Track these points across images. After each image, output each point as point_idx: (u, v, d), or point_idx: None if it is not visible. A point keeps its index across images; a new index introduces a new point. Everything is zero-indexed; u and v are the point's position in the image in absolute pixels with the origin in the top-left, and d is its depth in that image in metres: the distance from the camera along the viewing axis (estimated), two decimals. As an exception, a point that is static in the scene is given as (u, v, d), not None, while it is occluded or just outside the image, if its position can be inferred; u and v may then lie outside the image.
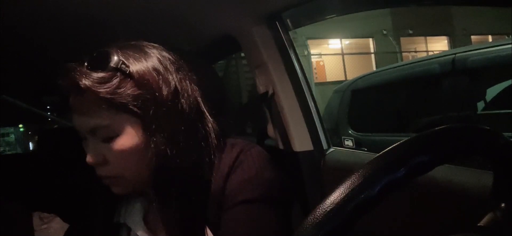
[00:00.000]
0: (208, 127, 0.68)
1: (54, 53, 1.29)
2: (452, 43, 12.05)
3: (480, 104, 2.46)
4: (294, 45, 1.23)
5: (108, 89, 0.60)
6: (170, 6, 1.01)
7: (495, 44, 2.33)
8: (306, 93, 1.22)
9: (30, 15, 0.99)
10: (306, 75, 1.26)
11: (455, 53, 2.43)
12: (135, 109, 0.61)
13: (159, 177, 0.64)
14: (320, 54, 10.94)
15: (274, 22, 1.18)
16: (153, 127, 0.62)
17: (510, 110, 2.18)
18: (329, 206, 0.33)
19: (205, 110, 0.68)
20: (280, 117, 1.23)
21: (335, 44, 11.50)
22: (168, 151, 0.62)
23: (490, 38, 11.54)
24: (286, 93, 1.20)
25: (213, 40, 1.30)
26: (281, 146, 1.27)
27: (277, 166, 0.69)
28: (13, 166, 1.77)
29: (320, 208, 0.33)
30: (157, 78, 0.63)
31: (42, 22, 1.05)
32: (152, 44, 0.67)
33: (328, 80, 10.43)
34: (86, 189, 0.77)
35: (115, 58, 0.61)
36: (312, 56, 10.15)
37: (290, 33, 1.22)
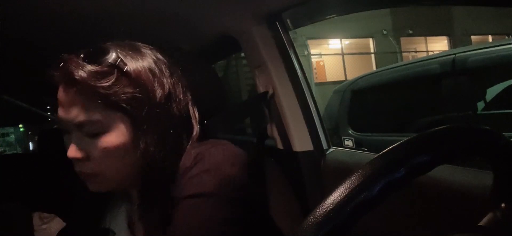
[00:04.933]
0: (194, 133, 0.67)
1: (54, 53, 1.29)
2: (452, 43, 12.05)
3: (480, 104, 2.46)
4: (294, 45, 1.23)
5: (103, 85, 0.59)
6: (170, 6, 1.01)
7: (495, 44, 2.33)
8: (306, 93, 1.22)
9: (30, 16, 0.99)
10: (306, 75, 1.26)
11: (455, 53, 2.43)
12: (128, 108, 0.60)
13: (146, 178, 0.63)
14: (320, 54, 10.94)
15: (274, 22, 1.18)
16: (144, 127, 0.61)
17: (510, 110, 2.18)
18: (329, 206, 0.33)
19: (193, 116, 0.68)
20: (280, 117, 1.23)
21: (335, 44, 11.49)
22: (156, 153, 0.62)
23: (490, 38, 11.54)
24: (286, 93, 1.20)
25: (213, 40, 1.30)
26: (281, 146, 1.27)
27: (243, 163, 0.65)
28: (13, 166, 1.77)
29: (320, 208, 0.33)
30: (152, 79, 0.62)
31: (42, 23, 1.05)
32: (147, 45, 0.67)
33: (328, 80, 10.43)
34: (76, 193, 0.76)
35: (113, 54, 0.61)
36: (312, 56, 10.15)
37: (290, 33, 1.22)
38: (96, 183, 0.65)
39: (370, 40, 11.70)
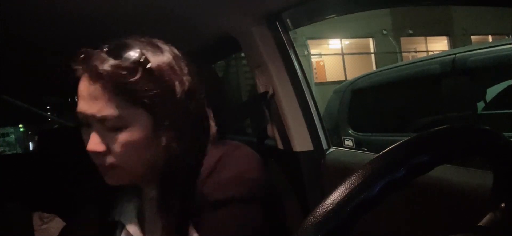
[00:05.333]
0: (210, 130, 0.69)
1: (54, 53, 1.29)
2: (452, 43, 12.04)
3: (480, 104, 2.46)
4: (294, 45, 1.23)
5: (128, 80, 0.59)
6: (170, 6, 1.01)
7: (495, 44, 2.32)
8: (306, 93, 1.22)
9: (30, 16, 0.99)
10: (306, 75, 1.26)
11: (455, 53, 2.43)
12: (150, 104, 0.61)
13: (166, 173, 0.64)
14: (320, 54, 10.94)
15: (274, 22, 1.18)
16: (165, 123, 0.62)
17: (510, 110, 2.18)
18: (329, 206, 0.33)
19: (209, 114, 0.70)
20: (280, 117, 1.23)
21: (335, 44, 11.49)
22: (176, 149, 0.63)
23: (490, 38, 11.54)
24: (286, 93, 1.20)
25: (213, 40, 1.30)
26: (281, 146, 1.27)
27: (263, 166, 0.69)
28: (13, 166, 1.77)
29: (320, 208, 0.33)
30: (173, 76, 0.63)
31: (42, 23, 1.05)
32: (165, 43, 0.68)
33: (328, 80, 10.43)
34: (83, 187, 0.77)
35: (137, 50, 0.61)
36: (312, 56, 10.15)
37: (290, 33, 1.22)
38: (114, 176, 0.65)
39: (370, 40, 11.70)
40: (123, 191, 0.74)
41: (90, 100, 0.61)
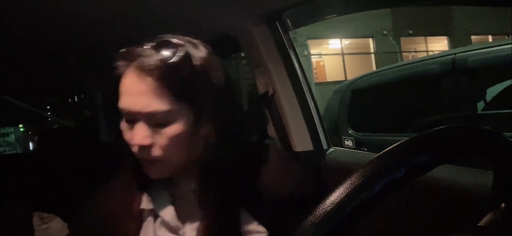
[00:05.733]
0: (241, 128, 0.75)
1: (54, 53, 1.29)
2: (452, 43, 12.04)
3: (480, 104, 2.46)
4: (294, 45, 1.23)
5: (176, 76, 0.61)
6: (170, 6, 1.01)
7: (495, 44, 2.33)
8: (306, 93, 1.22)
9: (30, 16, 0.99)
10: (306, 75, 1.26)
11: (455, 53, 2.43)
12: (193, 98, 0.64)
13: (206, 164, 0.68)
14: (320, 54, 10.94)
15: (274, 22, 1.17)
16: (206, 116, 0.66)
17: (510, 110, 2.18)
18: (329, 206, 0.33)
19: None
20: (280, 117, 1.23)
21: (335, 44, 11.49)
22: (216, 140, 0.67)
23: (490, 38, 11.54)
24: (286, 94, 1.20)
25: (213, 40, 1.30)
26: (281, 146, 1.27)
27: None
28: (13, 166, 1.77)
29: (320, 208, 0.33)
30: (211, 70, 0.66)
31: (42, 23, 1.05)
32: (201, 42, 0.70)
33: (328, 80, 10.43)
34: (106, 178, 0.76)
35: (183, 47, 0.63)
36: (312, 56, 10.14)
37: (290, 33, 1.22)
38: (157, 170, 0.67)
39: (370, 40, 11.70)
40: (153, 181, 0.74)
41: (139, 96, 0.62)
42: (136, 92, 0.62)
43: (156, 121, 0.63)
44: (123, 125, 0.65)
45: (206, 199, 0.67)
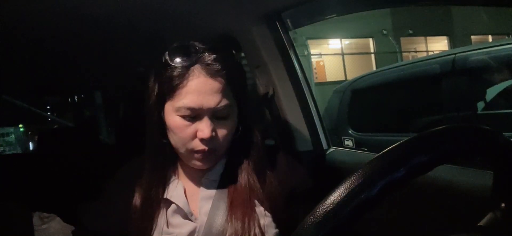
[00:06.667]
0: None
1: (54, 53, 1.29)
2: (452, 43, 12.04)
3: (480, 104, 2.46)
4: (294, 45, 1.23)
5: (235, 75, 0.72)
6: (170, 6, 1.01)
7: (495, 44, 2.32)
8: (306, 93, 1.22)
9: (30, 16, 0.99)
10: (306, 75, 1.26)
11: (455, 53, 2.43)
12: (239, 95, 0.73)
13: (235, 156, 0.77)
14: (320, 54, 10.93)
15: (274, 22, 1.17)
16: (245, 110, 0.76)
17: (510, 110, 2.18)
18: (329, 206, 0.33)
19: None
20: (280, 117, 1.23)
21: (335, 44, 11.48)
22: (246, 131, 0.76)
23: (490, 38, 11.53)
24: (286, 93, 1.20)
25: (213, 40, 1.30)
26: (281, 146, 1.27)
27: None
28: (13, 166, 1.77)
29: (320, 208, 0.33)
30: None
31: (42, 23, 1.05)
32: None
33: (328, 80, 10.42)
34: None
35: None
36: (312, 56, 10.14)
37: (290, 33, 1.22)
38: (211, 160, 0.75)
39: (370, 40, 11.70)
40: (168, 173, 0.80)
41: (211, 94, 0.69)
42: (208, 90, 0.68)
43: (219, 115, 0.70)
44: (180, 122, 0.70)
45: (233, 186, 0.75)
